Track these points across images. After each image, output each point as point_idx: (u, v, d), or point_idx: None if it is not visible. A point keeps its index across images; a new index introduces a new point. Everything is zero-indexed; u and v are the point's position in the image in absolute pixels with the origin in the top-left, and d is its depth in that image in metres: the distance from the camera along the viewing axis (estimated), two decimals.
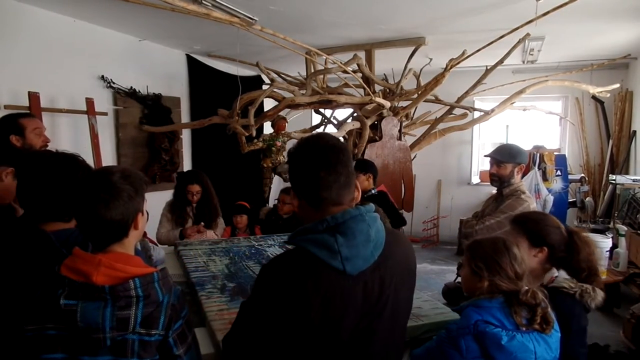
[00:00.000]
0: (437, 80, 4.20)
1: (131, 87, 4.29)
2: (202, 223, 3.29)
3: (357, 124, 4.43)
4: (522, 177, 2.74)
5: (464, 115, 5.35)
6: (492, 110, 4.93)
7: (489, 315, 1.39)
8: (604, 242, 3.68)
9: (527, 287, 1.42)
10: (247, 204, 3.68)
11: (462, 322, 1.44)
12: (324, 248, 1.08)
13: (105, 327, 1.10)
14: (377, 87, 4.73)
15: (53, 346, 1.13)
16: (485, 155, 2.77)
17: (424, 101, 4.70)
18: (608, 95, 5.23)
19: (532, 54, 5.01)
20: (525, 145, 5.68)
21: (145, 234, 2.99)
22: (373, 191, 3.21)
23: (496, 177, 2.59)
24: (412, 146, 4.95)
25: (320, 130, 5.56)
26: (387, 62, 4.91)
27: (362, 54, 4.46)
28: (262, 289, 1.13)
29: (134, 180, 1.20)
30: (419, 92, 4.51)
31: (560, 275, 1.69)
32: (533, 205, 2.50)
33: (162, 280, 1.18)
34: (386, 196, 3.35)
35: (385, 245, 1.15)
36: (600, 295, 1.61)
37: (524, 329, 1.37)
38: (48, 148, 2.54)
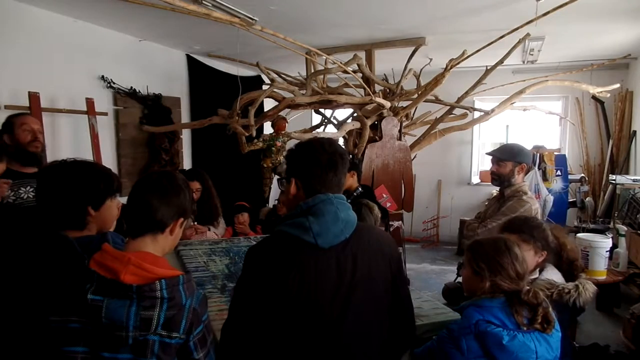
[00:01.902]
0: (437, 80, 4.20)
1: (131, 87, 4.28)
2: (195, 222, 3.28)
3: (357, 124, 4.43)
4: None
5: (464, 115, 5.35)
6: (492, 110, 4.92)
7: (490, 314, 1.39)
8: (604, 242, 3.67)
9: (528, 287, 1.43)
10: (247, 204, 3.68)
11: (463, 322, 1.44)
12: (298, 227, 1.26)
13: (129, 325, 1.11)
14: (377, 87, 4.73)
15: (75, 339, 1.14)
16: (486, 153, 2.76)
17: (424, 101, 4.69)
18: (608, 95, 5.23)
19: (532, 54, 5.01)
20: (526, 145, 5.67)
21: None
22: (360, 189, 3.20)
23: (496, 176, 2.56)
24: (412, 146, 4.95)
25: (320, 130, 5.56)
26: (387, 62, 4.91)
27: (362, 54, 4.46)
28: (247, 267, 1.28)
29: (189, 192, 1.32)
30: (419, 92, 4.50)
31: (543, 276, 1.73)
32: (535, 207, 2.45)
33: (186, 283, 1.20)
34: (371, 190, 3.41)
35: (358, 229, 1.32)
36: (589, 290, 1.64)
37: (525, 328, 1.37)
38: (43, 149, 2.55)
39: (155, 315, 1.13)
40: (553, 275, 1.74)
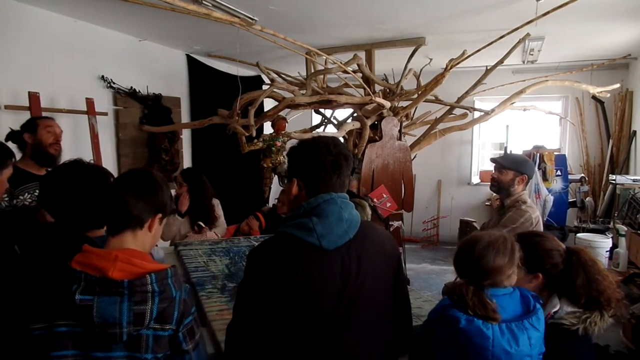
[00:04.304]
0: (437, 80, 4.20)
1: (131, 87, 4.28)
2: (200, 223, 3.29)
3: (357, 124, 4.43)
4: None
5: (464, 115, 5.35)
6: (492, 110, 4.93)
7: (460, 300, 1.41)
8: (604, 242, 3.68)
9: (461, 281, 1.43)
10: (262, 218, 3.64)
11: (436, 306, 1.47)
12: (302, 228, 1.23)
13: (123, 321, 1.11)
14: (377, 87, 4.73)
15: (63, 343, 1.12)
16: (490, 160, 2.74)
17: (424, 101, 4.69)
18: (608, 95, 5.23)
19: (532, 54, 5.01)
20: (525, 145, 5.68)
21: None
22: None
23: (495, 182, 2.56)
24: (412, 146, 4.95)
25: (320, 130, 5.56)
26: (387, 62, 4.91)
27: (362, 54, 4.46)
28: (250, 269, 1.26)
29: (168, 189, 1.32)
30: (419, 92, 4.50)
31: (562, 306, 1.55)
32: (535, 215, 2.43)
33: (174, 276, 1.21)
34: (357, 197, 3.43)
35: (362, 228, 1.30)
36: (605, 322, 1.47)
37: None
38: (59, 154, 2.59)
39: (148, 309, 1.13)
40: (567, 303, 1.56)
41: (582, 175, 5.78)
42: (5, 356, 1.32)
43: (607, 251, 3.66)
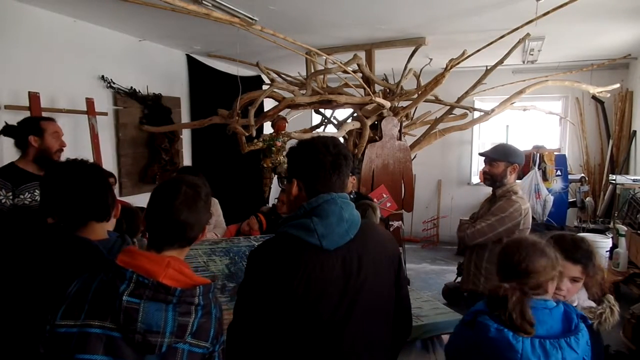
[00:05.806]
0: (437, 80, 4.20)
1: (131, 87, 4.28)
2: None
3: (357, 124, 4.43)
4: (522, 177, 2.69)
5: (464, 115, 5.35)
6: (492, 110, 4.93)
7: None
8: (604, 242, 3.68)
9: (500, 284, 1.34)
10: (264, 219, 3.64)
11: (470, 309, 1.41)
12: (302, 229, 1.23)
13: (166, 331, 1.05)
14: (377, 87, 4.73)
15: (94, 346, 1.03)
16: (479, 154, 2.75)
17: (424, 101, 4.69)
18: (608, 95, 5.23)
19: (532, 54, 5.01)
20: (525, 145, 5.68)
21: (145, 235, 3.00)
22: (354, 192, 3.21)
23: (488, 176, 2.55)
24: (412, 146, 4.95)
25: (320, 130, 5.56)
26: (387, 62, 4.91)
27: (362, 54, 4.46)
28: (251, 269, 1.26)
29: (209, 199, 1.25)
30: (419, 92, 4.50)
31: (580, 299, 1.59)
32: (525, 207, 2.44)
33: (214, 291, 1.19)
34: (361, 195, 3.49)
35: (362, 228, 1.30)
36: (616, 314, 1.53)
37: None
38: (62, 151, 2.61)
39: (190, 321, 1.09)
40: (585, 298, 1.61)
41: (582, 175, 5.78)
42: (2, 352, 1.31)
43: (607, 251, 3.66)
